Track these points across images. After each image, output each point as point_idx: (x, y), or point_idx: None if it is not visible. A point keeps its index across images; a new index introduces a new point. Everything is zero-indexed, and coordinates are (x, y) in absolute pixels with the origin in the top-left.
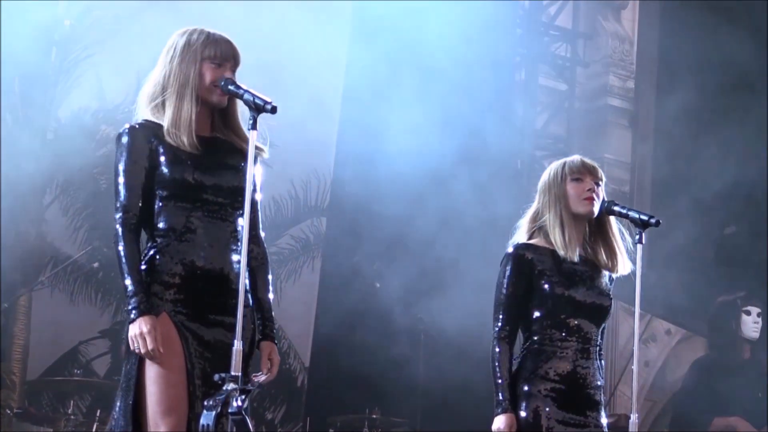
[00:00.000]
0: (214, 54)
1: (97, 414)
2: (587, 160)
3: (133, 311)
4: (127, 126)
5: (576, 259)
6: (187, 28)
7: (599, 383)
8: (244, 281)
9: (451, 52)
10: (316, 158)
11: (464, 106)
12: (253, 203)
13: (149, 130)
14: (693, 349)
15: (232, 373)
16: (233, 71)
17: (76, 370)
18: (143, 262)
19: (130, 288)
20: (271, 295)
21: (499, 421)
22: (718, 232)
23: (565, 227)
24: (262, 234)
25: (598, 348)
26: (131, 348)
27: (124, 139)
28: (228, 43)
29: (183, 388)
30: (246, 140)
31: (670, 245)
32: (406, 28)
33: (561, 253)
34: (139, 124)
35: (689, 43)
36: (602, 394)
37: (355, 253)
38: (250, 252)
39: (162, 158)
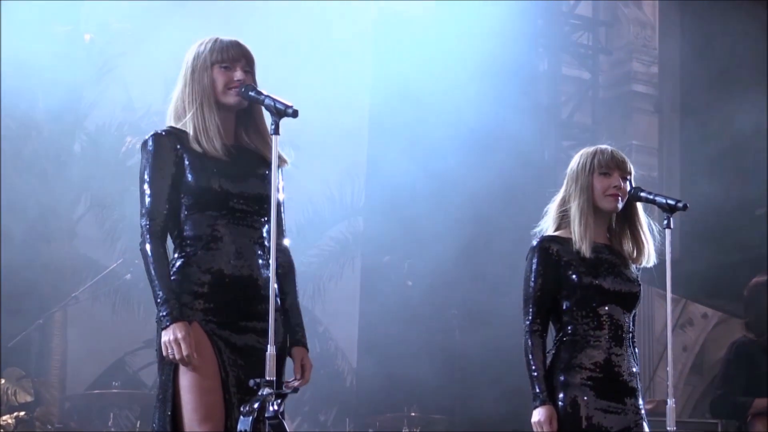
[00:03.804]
0: (222, 58)
1: (137, 426)
2: (617, 154)
3: (167, 318)
4: (152, 133)
5: (589, 254)
6: (199, 40)
7: (634, 369)
8: (274, 286)
9: (473, 47)
10: (350, 158)
11: (488, 99)
12: (278, 210)
13: (175, 137)
14: (730, 331)
15: (267, 378)
16: (247, 71)
17: (114, 383)
18: (171, 273)
19: (161, 295)
20: (299, 301)
21: (539, 413)
22: (749, 214)
23: (584, 219)
24: (287, 241)
25: (630, 335)
26: (165, 354)
27: (150, 146)
28: (235, 45)
29: (218, 396)
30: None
31: (701, 228)
32: (429, 24)
33: (576, 246)
34: (164, 131)
35: (712, 23)
36: (638, 381)
37: (389, 251)
38: (276, 259)
39: (187, 165)
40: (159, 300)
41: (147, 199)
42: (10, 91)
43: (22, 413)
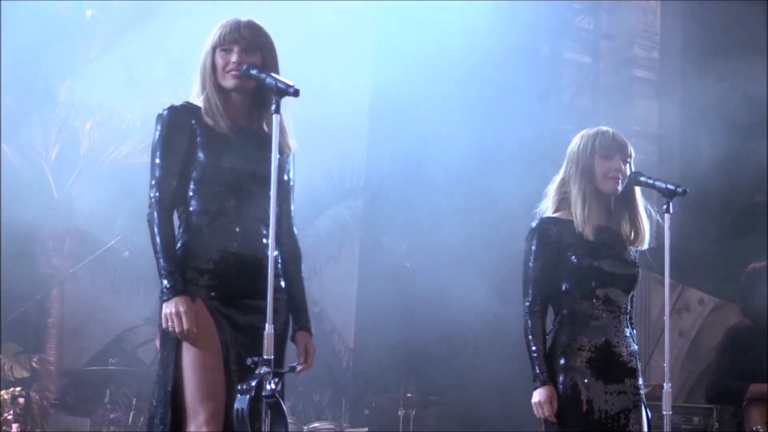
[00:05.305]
0: (220, 41)
1: (133, 402)
2: (618, 137)
3: (169, 290)
4: (168, 105)
5: (591, 236)
6: None
7: (633, 349)
8: (273, 264)
9: (475, 30)
10: (350, 139)
11: (490, 82)
12: (286, 195)
13: (189, 111)
14: (727, 317)
15: (265, 357)
16: (248, 50)
17: (111, 359)
18: (176, 248)
19: (165, 266)
20: (304, 287)
21: (539, 394)
22: (748, 200)
23: (586, 202)
24: (295, 230)
25: (628, 316)
26: (164, 327)
27: (164, 118)
28: (235, 27)
29: (220, 373)
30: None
31: (699, 214)
32: (431, 10)
33: (578, 229)
34: (180, 105)
35: (713, 10)
36: (638, 360)
37: (388, 233)
38: (282, 245)
39: (199, 140)
40: (163, 272)
41: (157, 171)
42: (10, 67)
43: (18, 388)
